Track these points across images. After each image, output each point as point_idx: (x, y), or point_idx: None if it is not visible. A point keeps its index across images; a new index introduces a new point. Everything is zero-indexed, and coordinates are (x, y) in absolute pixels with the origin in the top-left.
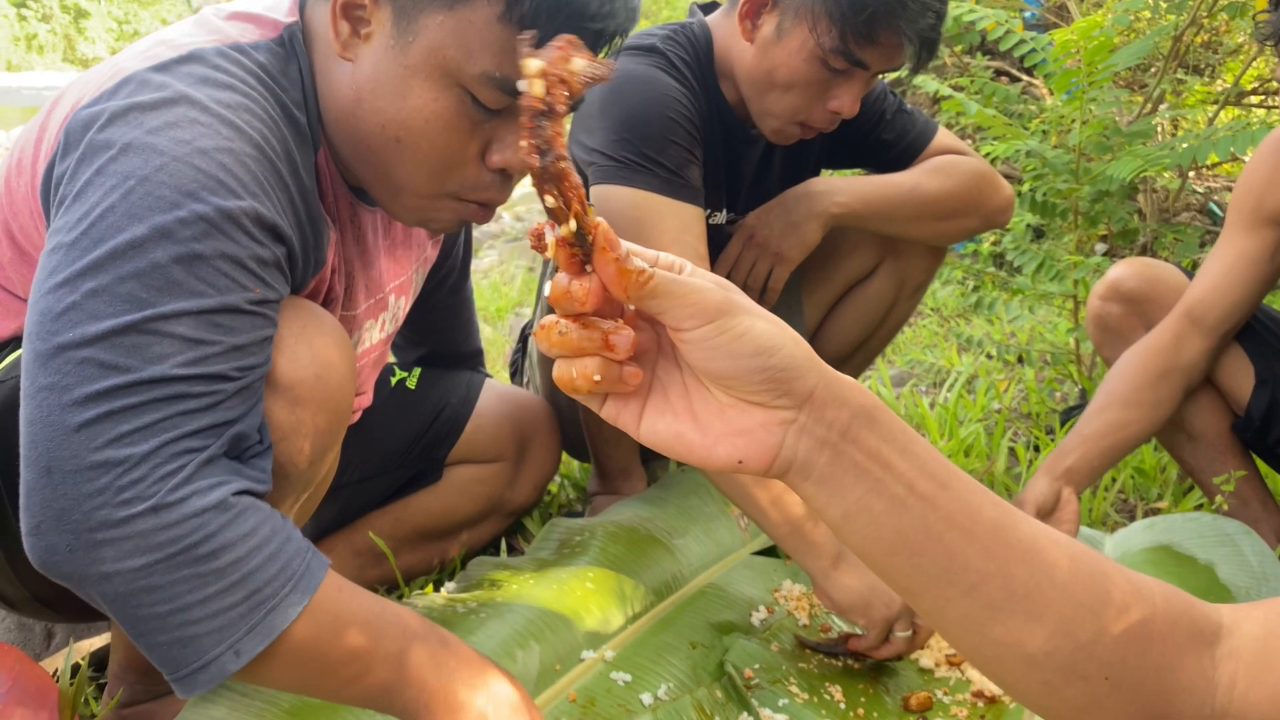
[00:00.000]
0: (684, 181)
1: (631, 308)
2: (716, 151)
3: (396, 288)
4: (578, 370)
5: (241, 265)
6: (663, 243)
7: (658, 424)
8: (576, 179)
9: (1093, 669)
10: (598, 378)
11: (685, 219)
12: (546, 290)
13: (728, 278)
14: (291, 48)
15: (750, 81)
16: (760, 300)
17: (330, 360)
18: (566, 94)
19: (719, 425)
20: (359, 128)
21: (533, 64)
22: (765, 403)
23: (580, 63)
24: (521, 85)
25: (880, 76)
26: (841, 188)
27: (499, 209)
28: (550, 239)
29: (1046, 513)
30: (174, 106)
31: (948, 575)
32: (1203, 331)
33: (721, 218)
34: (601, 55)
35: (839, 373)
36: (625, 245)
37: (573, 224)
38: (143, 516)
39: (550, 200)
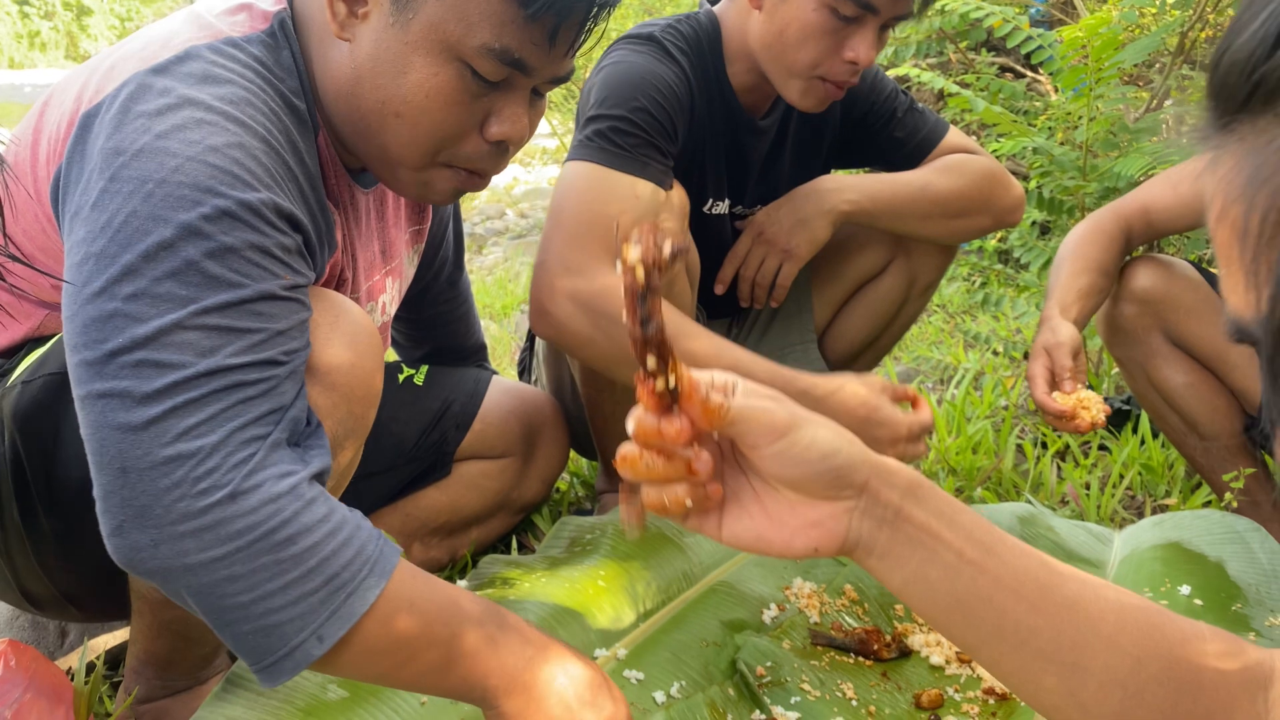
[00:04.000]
0: (641, 158)
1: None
2: (718, 139)
3: (391, 270)
4: (669, 496)
5: (269, 254)
6: (608, 213)
7: (737, 528)
8: (669, 342)
9: (1144, 716)
10: (689, 502)
11: (637, 192)
12: (631, 427)
13: (737, 274)
14: (283, 35)
15: (765, 47)
16: (769, 296)
17: (362, 345)
18: (659, 273)
19: (793, 520)
20: (358, 106)
21: (633, 253)
22: (831, 496)
23: (669, 246)
24: (618, 270)
25: (891, 31)
26: (851, 185)
27: (505, 209)
28: (642, 389)
29: (1079, 352)
30: (180, 109)
31: (999, 631)
32: (1152, 231)
33: (723, 207)
34: (598, 24)
35: (882, 456)
36: (702, 379)
37: (669, 381)
38: (221, 505)
39: (651, 362)
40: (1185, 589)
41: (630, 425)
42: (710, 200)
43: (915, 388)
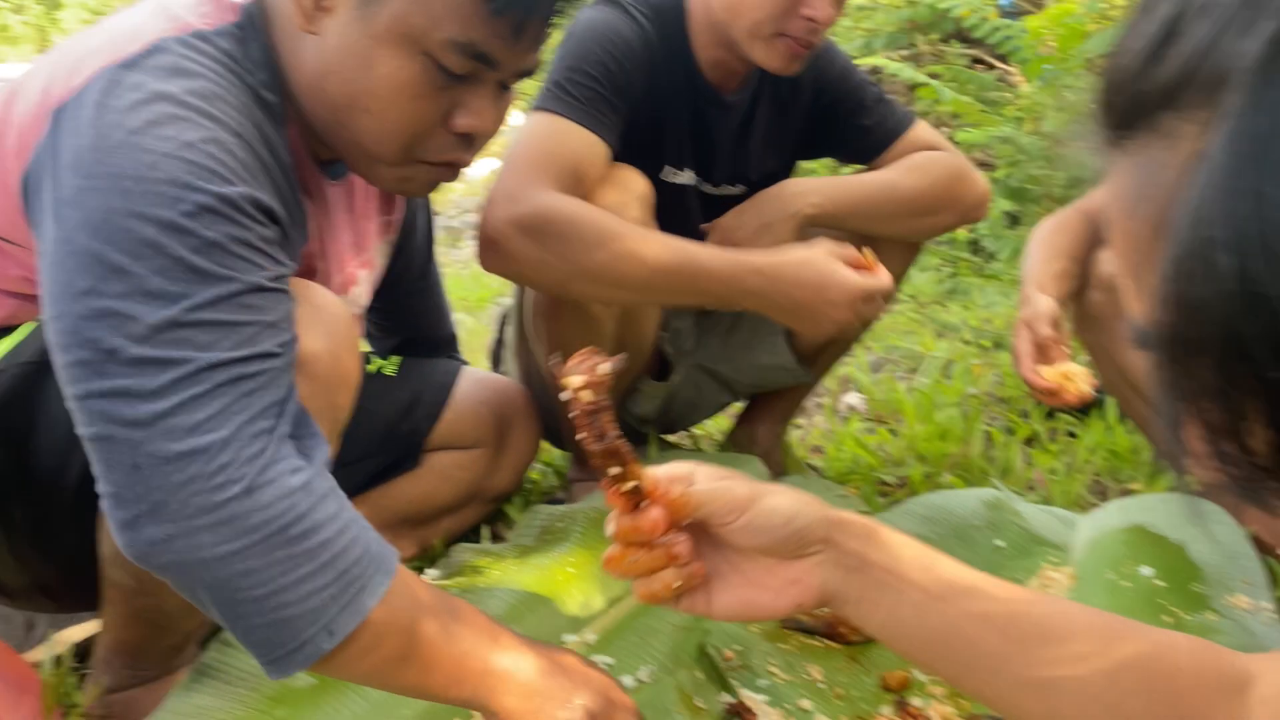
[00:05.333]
0: (593, 111)
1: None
2: (680, 106)
3: (363, 262)
4: (659, 584)
5: (253, 247)
6: (553, 151)
7: (725, 599)
8: (627, 447)
9: None
10: (678, 584)
11: (578, 140)
12: (609, 530)
13: None
14: (251, 28)
15: (727, 8)
16: None
17: (339, 335)
18: (604, 390)
19: (773, 582)
20: (327, 100)
21: (576, 379)
22: (800, 554)
23: (605, 366)
24: (566, 395)
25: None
26: (815, 188)
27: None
28: (610, 494)
29: (1059, 323)
30: (152, 104)
31: (975, 661)
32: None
33: (685, 178)
34: (564, 17)
35: (835, 509)
36: (661, 476)
37: (633, 482)
38: (238, 499)
39: (614, 470)
40: (1147, 570)
41: (609, 529)
42: (668, 168)
43: (866, 255)
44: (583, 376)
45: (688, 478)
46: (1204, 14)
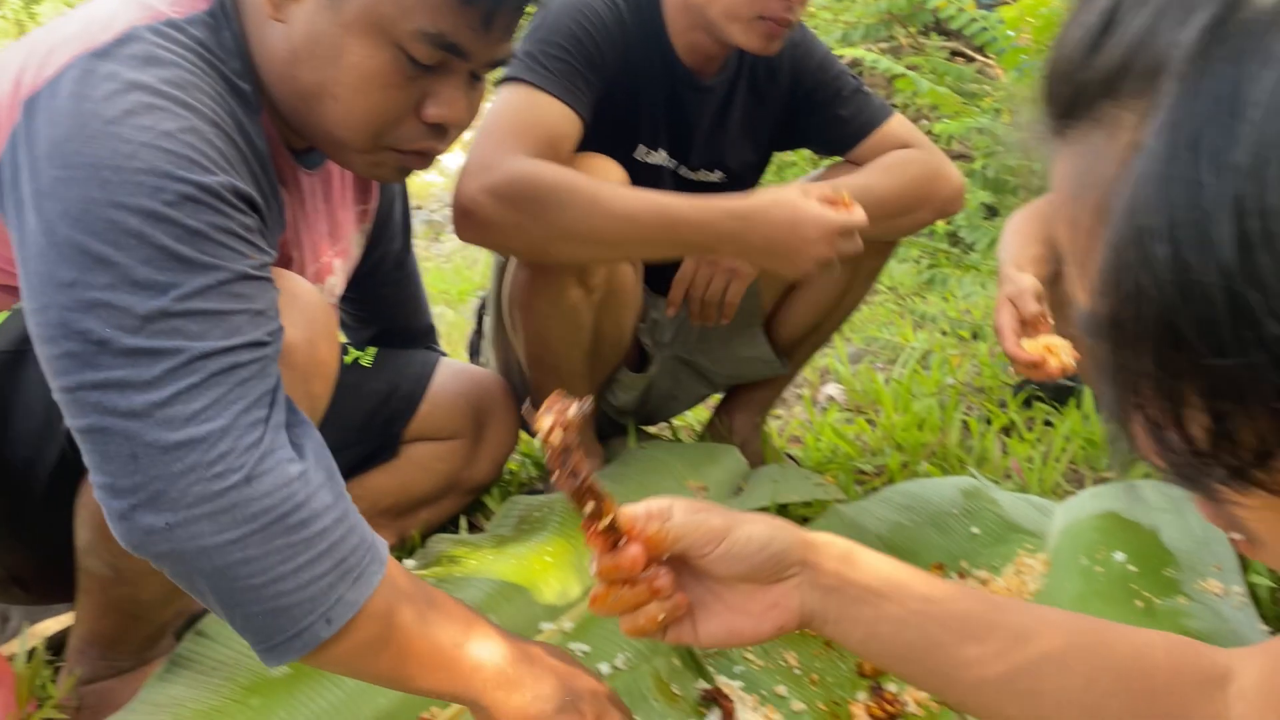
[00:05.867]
0: (565, 83)
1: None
2: (655, 86)
3: (338, 251)
4: (644, 619)
5: (236, 235)
6: (524, 120)
7: (710, 628)
8: (601, 486)
9: None
10: (662, 616)
11: (551, 111)
12: (593, 570)
13: (685, 295)
14: (223, 15)
15: None
16: (719, 314)
17: (318, 324)
18: (574, 431)
19: (755, 607)
20: (296, 88)
21: (546, 420)
22: (778, 578)
23: (574, 408)
24: (538, 440)
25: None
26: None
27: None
28: (589, 534)
29: (1042, 297)
30: (127, 93)
31: (955, 671)
32: None
33: (659, 158)
34: (534, 5)
35: (810, 532)
36: (638, 513)
37: (608, 520)
38: (237, 488)
39: (590, 507)
40: (1120, 556)
41: (592, 569)
42: (642, 147)
43: (842, 194)
44: (552, 418)
45: (663, 513)
46: (1141, 4)
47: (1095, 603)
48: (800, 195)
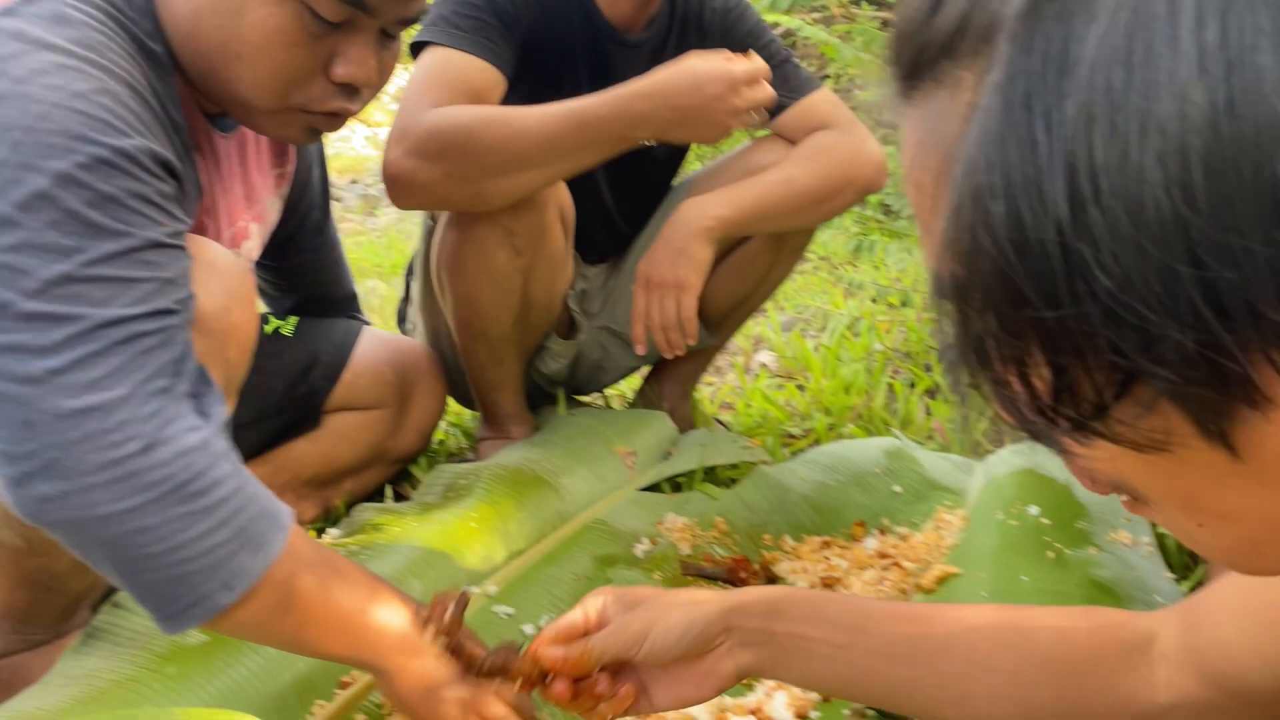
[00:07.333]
0: (481, 40)
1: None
2: (575, 45)
3: (254, 215)
4: (597, 717)
5: (150, 201)
6: (441, 80)
7: (661, 701)
8: (498, 659)
9: (1043, 716)
10: (610, 715)
11: (467, 66)
12: (537, 697)
13: (646, 329)
14: None
15: None
16: (680, 332)
17: (235, 290)
18: (458, 627)
19: (694, 675)
20: (200, 47)
21: (430, 630)
22: (707, 650)
23: (450, 610)
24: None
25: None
26: (711, 201)
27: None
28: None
29: None
30: (35, 53)
31: (891, 693)
32: None
33: None
34: None
35: (734, 595)
36: (555, 655)
37: (519, 681)
38: (134, 457)
39: (507, 686)
40: (1034, 509)
41: (537, 697)
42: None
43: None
44: (433, 628)
45: (584, 626)
46: None
47: (1009, 555)
48: (697, 58)
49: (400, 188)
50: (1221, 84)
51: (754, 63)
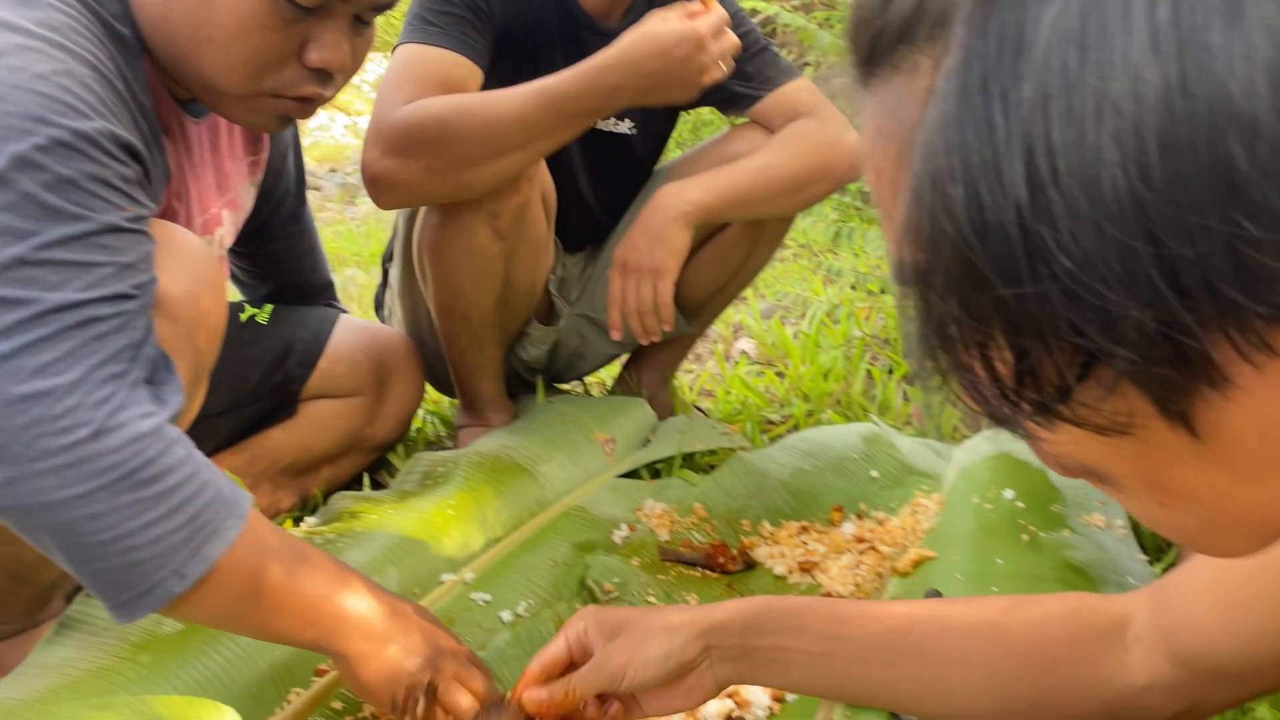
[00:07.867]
0: (456, 34)
1: None
2: (552, 35)
3: (227, 202)
4: None
5: (109, 185)
6: (416, 76)
7: (650, 709)
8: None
9: (1022, 707)
10: None
11: (441, 60)
12: None
13: (623, 315)
14: None
15: None
16: (656, 317)
17: (203, 276)
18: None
19: (680, 691)
20: (171, 31)
21: None
22: (689, 669)
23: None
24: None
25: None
26: (691, 185)
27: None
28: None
29: None
30: None
31: (873, 695)
32: None
33: None
34: None
35: (711, 615)
36: (540, 696)
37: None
38: (83, 444)
39: None
40: (1009, 493)
41: None
42: None
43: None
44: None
45: (567, 656)
46: None
47: (984, 538)
48: (658, 20)
49: (382, 188)
50: (1174, 63)
51: (714, 12)
